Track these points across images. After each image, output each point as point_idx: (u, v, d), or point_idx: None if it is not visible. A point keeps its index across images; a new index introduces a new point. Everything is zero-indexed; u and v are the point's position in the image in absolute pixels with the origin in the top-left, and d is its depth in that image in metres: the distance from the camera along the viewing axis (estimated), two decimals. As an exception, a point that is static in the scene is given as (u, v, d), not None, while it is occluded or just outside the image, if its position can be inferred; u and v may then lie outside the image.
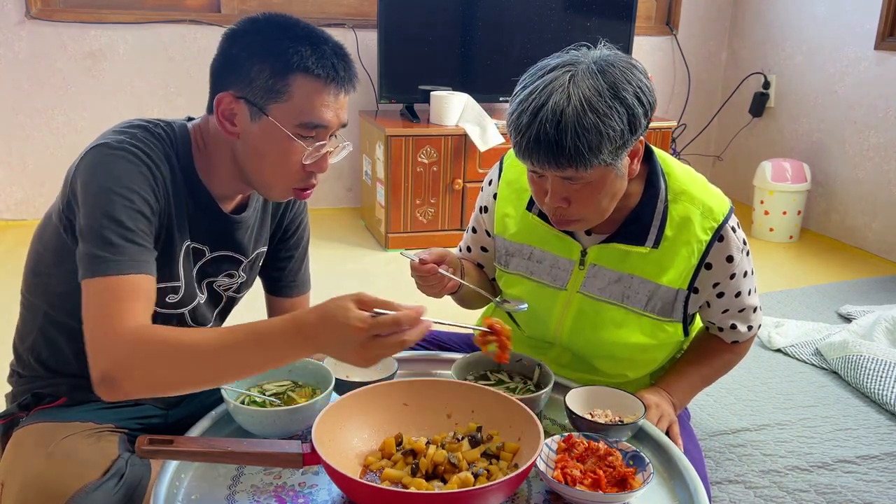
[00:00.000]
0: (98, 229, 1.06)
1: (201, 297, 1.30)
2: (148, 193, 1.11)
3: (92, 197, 1.08)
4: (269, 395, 1.22)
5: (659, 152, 1.35)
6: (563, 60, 1.18)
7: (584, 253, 1.36)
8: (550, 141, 1.13)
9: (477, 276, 1.54)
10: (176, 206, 1.18)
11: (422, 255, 1.33)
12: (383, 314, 0.96)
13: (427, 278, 1.33)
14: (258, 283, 1.48)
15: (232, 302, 1.40)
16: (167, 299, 1.22)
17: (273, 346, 0.99)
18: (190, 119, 1.25)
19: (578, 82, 1.14)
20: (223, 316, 1.42)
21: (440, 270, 1.32)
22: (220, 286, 1.33)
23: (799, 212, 3.89)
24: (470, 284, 1.38)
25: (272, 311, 1.48)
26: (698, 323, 1.55)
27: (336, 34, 4.50)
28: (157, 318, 1.19)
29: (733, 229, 1.32)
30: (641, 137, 1.22)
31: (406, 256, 1.34)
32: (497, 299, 1.41)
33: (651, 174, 1.32)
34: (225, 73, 1.14)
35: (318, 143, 1.15)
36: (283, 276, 1.44)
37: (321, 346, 0.98)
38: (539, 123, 1.13)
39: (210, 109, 1.18)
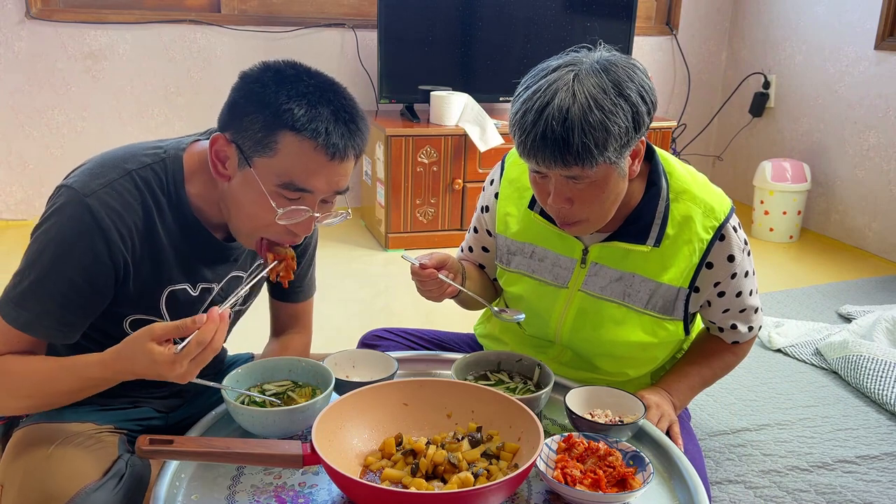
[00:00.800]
0: (22, 272, 1.11)
1: None
2: (88, 258, 1.09)
3: (35, 246, 1.11)
4: (269, 395, 1.22)
5: (660, 152, 1.35)
6: (565, 61, 1.18)
7: (585, 251, 1.36)
8: (557, 139, 1.13)
9: (478, 278, 1.54)
10: (152, 256, 1.15)
11: (423, 260, 1.32)
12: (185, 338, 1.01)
13: (427, 283, 1.33)
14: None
15: (239, 315, 1.40)
16: None
17: (89, 379, 1.09)
18: (197, 140, 1.22)
19: (583, 80, 1.14)
20: (231, 329, 1.42)
21: (440, 276, 1.32)
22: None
23: (799, 212, 3.89)
24: (469, 292, 1.38)
25: (276, 315, 1.48)
26: (699, 324, 1.55)
27: (336, 34, 4.48)
28: None
29: (734, 229, 1.33)
30: (643, 138, 1.22)
31: (407, 260, 1.34)
32: (495, 308, 1.40)
33: (652, 173, 1.32)
34: (227, 114, 1.11)
35: (294, 208, 1.10)
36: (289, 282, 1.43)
37: (132, 375, 1.06)
38: (545, 121, 1.13)
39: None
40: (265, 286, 1.45)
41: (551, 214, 1.28)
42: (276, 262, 1.19)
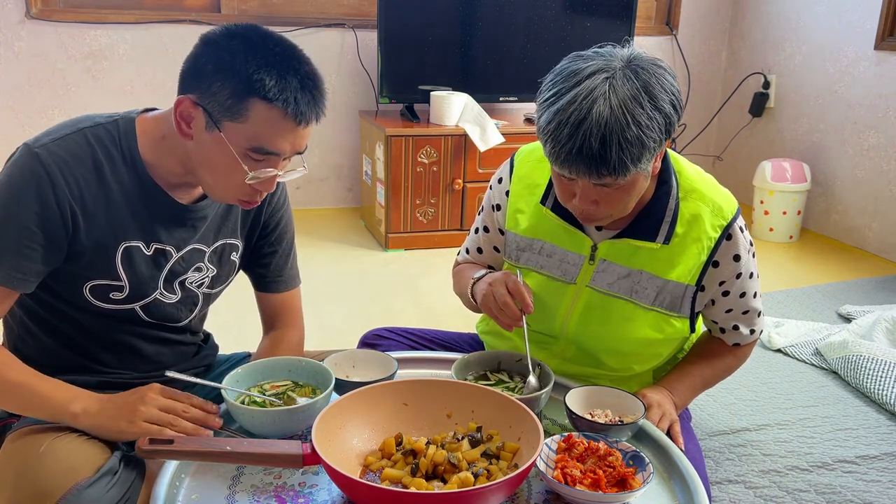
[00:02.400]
0: None
1: (172, 297, 1.31)
2: (36, 203, 1.13)
3: None
4: (269, 395, 1.22)
5: (670, 151, 1.36)
6: (597, 66, 1.16)
7: (594, 248, 1.36)
8: (595, 155, 1.12)
9: None
10: (106, 209, 1.19)
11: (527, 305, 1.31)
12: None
13: (515, 324, 1.33)
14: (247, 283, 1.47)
15: (208, 298, 1.40)
16: (111, 296, 1.24)
17: (40, 407, 1.16)
18: (148, 110, 1.26)
19: (618, 90, 1.13)
20: (201, 314, 1.42)
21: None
22: (192, 283, 1.33)
23: (799, 212, 3.89)
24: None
25: (263, 307, 1.49)
26: (701, 326, 1.55)
27: (336, 34, 4.48)
28: (103, 314, 1.24)
29: (741, 229, 1.34)
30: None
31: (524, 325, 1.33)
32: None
33: (663, 172, 1.33)
34: (191, 77, 1.14)
35: (264, 169, 1.16)
36: (268, 272, 1.44)
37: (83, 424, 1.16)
38: (582, 137, 1.12)
39: None
40: (245, 277, 1.46)
41: (573, 213, 1.28)
42: None
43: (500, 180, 1.50)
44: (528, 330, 1.35)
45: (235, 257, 1.39)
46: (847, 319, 2.76)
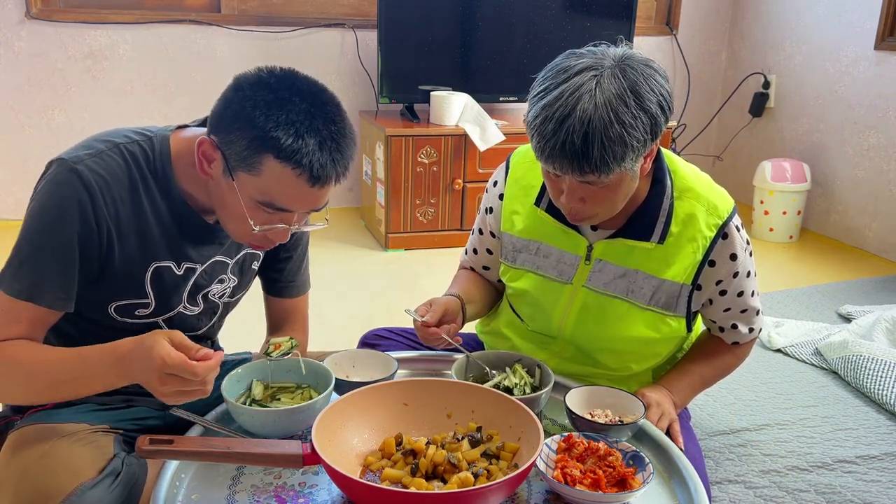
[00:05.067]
0: (17, 246, 1.13)
1: (194, 310, 1.31)
2: (77, 222, 1.11)
3: (28, 214, 1.15)
4: (269, 395, 1.22)
5: (664, 151, 1.36)
6: (586, 63, 1.16)
7: (590, 248, 1.36)
8: (577, 151, 1.13)
9: (480, 298, 1.54)
10: (138, 229, 1.18)
11: (424, 316, 1.33)
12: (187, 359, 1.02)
13: (430, 339, 1.35)
14: (256, 285, 1.47)
15: (227, 307, 1.40)
16: (136, 312, 1.24)
17: (93, 368, 1.08)
18: (184, 126, 1.24)
19: (604, 88, 1.13)
20: (220, 322, 1.42)
21: (443, 335, 1.33)
22: (214, 294, 1.33)
23: (799, 212, 3.89)
24: (470, 354, 1.35)
25: (271, 311, 1.48)
26: (700, 326, 1.55)
27: (336, 34, 4.47)
28: (126, 328, 1.22)
29: (737, 228, 1.34)
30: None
31: (410, 315, 1.35)
32: (488, 372, 1.35)
33: (657, 171, 1.33)
34: (216, 118, 1.11)
35: (272, 224, 1.13)
36: (281, 276, 1.44)
37: (132, 373, 1.06)
38: (566, 133, 1.13)
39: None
40: (258, 281, 1.46)
41: (562, 210, 1.28)
42: None
43: (494, 183, 1.51)
44: (528, 330, 1.35)
45: (256, 265, 1.39)
46: (847, 319, 2.76)
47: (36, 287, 1.11)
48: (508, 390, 1.27)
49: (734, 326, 1.44)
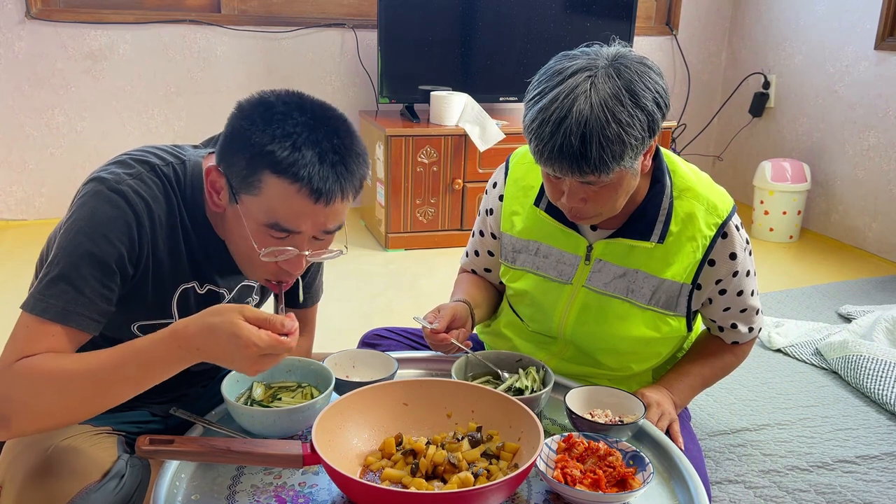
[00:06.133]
0: (52, 267, 1.06)
1: None
2: (122, 243, 1.07)
3: (65, 233, 1.08)
4: (269, 395, 1.22)
5: (664, 150, 1.36)
6: (580, 65, 1.17)
7: (589, 248, 1.36)
8: (575, 153, 1.13)
9: (484, 302, 1.54)
10: (171, 251, 1.15)
11: (432, 323, 1.33)
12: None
13: (438, 345, 1.35)
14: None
15: None
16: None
17: (154, 360, 1.00)
18: (213, 153, 1.19)
19: (599, 88, 1.13)
20: None
21: (452, 340, 1.33)
22: None
23: (799, 212, 3.89)
24: (476, 356, 1.35)
25: None
26: (699, 325, 1.55)
27: (336, 34, 4.46)
28: None
29: (737, 227, 1.34)
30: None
31: (419, 323, 1.35)
32: (504, 375, 1.35)
33: (657, 171, 1.33)
34: (221, 145, 1.09)
35: (280, 248, 1.08)
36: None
37: (206, 357, 0.99)
38: (563, 135, 1.13)
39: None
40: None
41: (563, 211, 1.29)
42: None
43: (494, 184, 1.51)
44: (528, 330, 1.35)
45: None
46: (847, 319, 2.76)
47: (71, 308, 1.04)
48: (520, 392, 1.27)
49: (734, 326, 1.44)
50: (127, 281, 1.11)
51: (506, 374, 1.33)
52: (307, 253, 1.10)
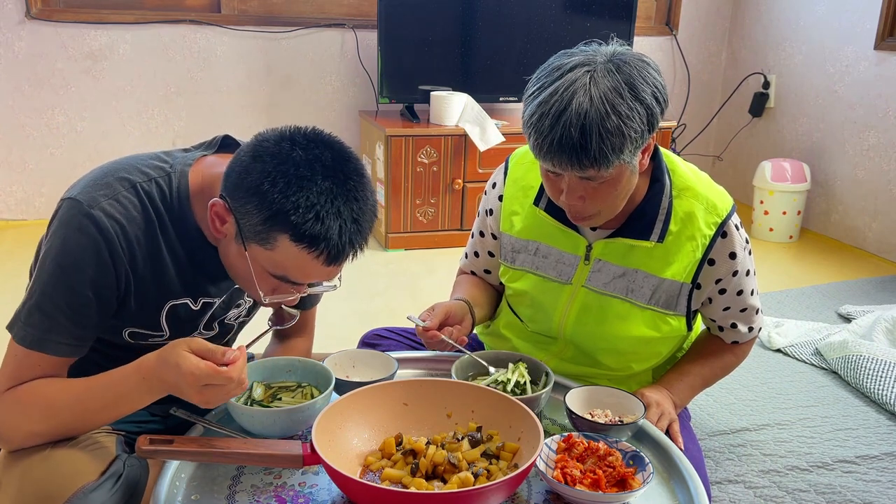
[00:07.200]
0: (31, 296, 1.11)
1: (209, 334, 1.31)
2: (93, 268, 1.09)
3: (41, 263, 1.11)
4: (269, 395, 1.22)
5: (663, 150, 1.36)
6: (579, 60, 1.17)
7: (589, 248, 1.36)
8: (575, 145, 1.13)
9: (485, 301, 1.54)
10: (154, 269, 1.15)
11: (426, 321, 1.33)
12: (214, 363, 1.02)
13: (431, 343, 1.35)
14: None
15: (242, 325, 1.40)
16: (150, 341, 1.23)
17: (126, 392, 1.09)
18: (204, 155, 1.20)
19: (598, 82, 1.14)
20: (234, 338, 1.42)
21: (443, 337, 1.33)
22: (230, 319, 1.33)
23: (799, 212, 3.89)
24: (472, 354, 1.35)
25: None
26: (699, 325, 1.55)
27: (336, 34, 4.45)
28: (140, 349, 1.19)
29: (736, 227, 1.34)
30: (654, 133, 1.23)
31: (412, 321, 1.35)
32: (491, 370, 1.35)
33: (656, 170, 1.33)
34: (232, 182, 1.07)
35: (283, 293, 1.12)
36: None
37: (167, 388, 1.06)
38: (563, 127, 1.13)
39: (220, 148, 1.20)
40: None
41: (563, 209, 1.28)
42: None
43: (493, 185, 1.51)
44: (528, 331, 1.34)
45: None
46: (847, 319, 2.76)
47: (46, 336, 1.09)
48: (503, 385, 1.26)
49: (734, 325, 1.44)
50: (109, 301, 1.13)
51: (492, 369, 1.32)
52: (305, 293, 1.16)
